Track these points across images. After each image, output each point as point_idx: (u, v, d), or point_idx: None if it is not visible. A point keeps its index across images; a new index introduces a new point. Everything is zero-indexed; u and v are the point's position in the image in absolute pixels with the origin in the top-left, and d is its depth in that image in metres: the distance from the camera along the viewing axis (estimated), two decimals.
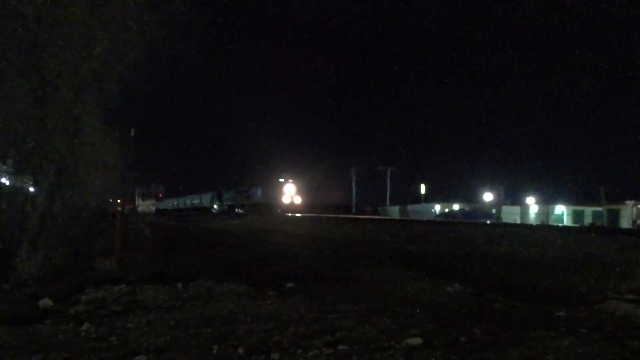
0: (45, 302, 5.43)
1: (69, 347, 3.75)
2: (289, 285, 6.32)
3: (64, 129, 7.48)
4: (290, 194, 40.45)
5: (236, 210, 46.17)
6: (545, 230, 15.05)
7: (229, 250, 11.96)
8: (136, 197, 64.41)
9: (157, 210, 63.90)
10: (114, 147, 9.97)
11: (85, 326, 4.28)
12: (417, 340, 3.69)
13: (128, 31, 7.82)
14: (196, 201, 62.72)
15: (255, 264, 9.09)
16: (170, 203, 71.99)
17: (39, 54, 7.14)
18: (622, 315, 5.17)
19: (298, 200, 40.46)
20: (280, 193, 40.26)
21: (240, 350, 3.56)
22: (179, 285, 6.11)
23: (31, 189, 7.76)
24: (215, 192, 55.09)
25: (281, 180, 41.00)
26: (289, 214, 34.02)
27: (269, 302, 5.25)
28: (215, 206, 53.56)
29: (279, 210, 37.38)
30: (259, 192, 42.29)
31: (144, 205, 63.95)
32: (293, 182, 41.05)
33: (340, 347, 3.60)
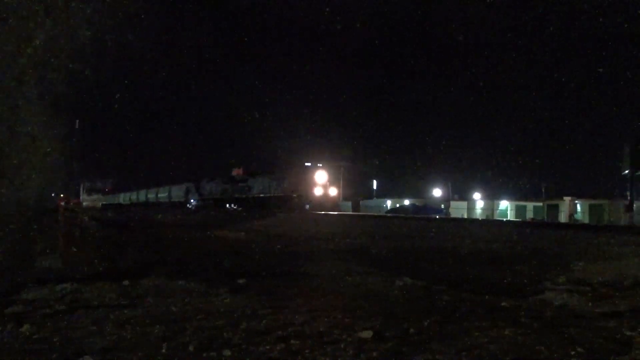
0: None
1: (6, 350, 3.56)
2: (242, 281, 6.26)
3: (1, 120, 7.08)
4: (322, 183, 28.23)
5: (228, 206, 36.74)
6: (491, 224, 15.68)
7: (181, 247, 11.72)
8: (81, 192, 61.83)
9: (105, 205, 61.34)
10: (57, 139, 9.53)
11: (25, 327, 4.08)
12: (368, 334, 3.76)
13: (72, 17, 7.48)
14: (163, 194, 52.74)
15: (208, 261, 8.95)
16: (127, 197, 65.02)
17: None
18: (560, 304, 5.47)
19: (334, 192, 28.62)
20: (307, 183, 28.31)
21: (191, 348, 3.50)
22: (127, 283, 5.93)
23: None
24: (192, 183, 44.91)
25: (308, 164, 29.42)
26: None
27: (220, 298, 5.19)
28: (192, 200, 43.75)
29: (307, 207, 27.45)
30: (270, 182, 31.84)
31: (90, 200, 61.26)
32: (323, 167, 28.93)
33: (292, 342, 3.61)
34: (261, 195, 32.78)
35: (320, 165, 29.45)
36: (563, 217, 35.63)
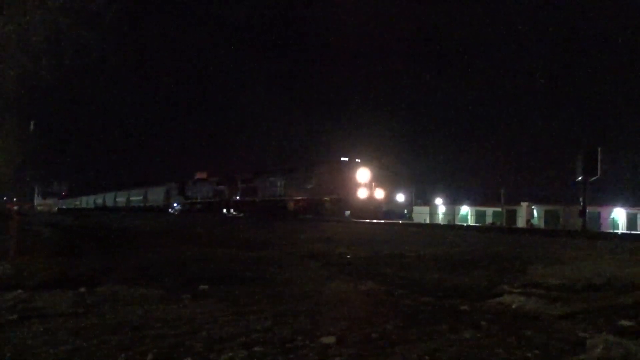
0: None
1: None
2: (204, 287, 6.15)
3: None
4: (365, 183, 21.57)
5: (225, 211, 31.01)
6: (451, 229, 16.01)
7: (142, 252, 11.41)
8: (35, 196, 59.34)
9: (62, 210, 58.94)
10: (9, 142, 9.12)
11: None
12: (331, 339, 3.76)
13: (26, 16, 7.20)
14: (137, 198, 47.50)
15: (170, 267, 8.75)
16: (92, 200, 60.58)
17: None
18: (517, 307, 5.63)
19: (380, 194, 22.13)
20: (348, 183, 21.43)
21: (150, 357, 3.40)
22: (84, 290, 5.72)
23: None
24: (174, 183, 39.71)
25: (344, 159, 22.23)
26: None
27: (182, 305, 5.08)
28: (175, 204, 38.46)
29: (346, 214, 21.44)
30: (287, 182, 25.33)
31: (45, 205, 58.80)
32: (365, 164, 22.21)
33: (255, 348, 3.57)
34: (274, 198, 26.31)
35: (359, 160, 22.19)
36: (521, 222, 36.81)
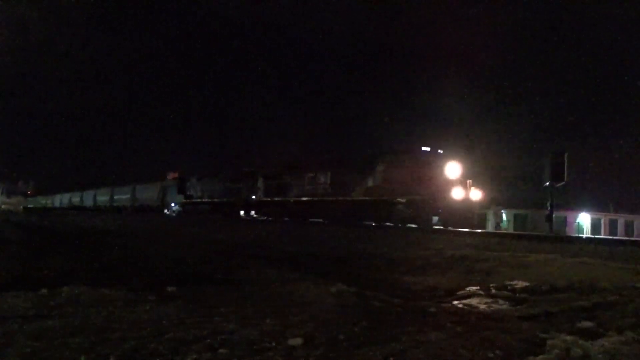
0: None
1: None
2: (171, 289, 6.05)
3: None
4: (456, 180, 16.40)
5: (243, 213, 26.22)
6: (423, 232, 16.19)
7: (107, 252, 11.17)
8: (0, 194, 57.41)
9: (29, 209, 57.00)
10: None
11: None
12: (298, 341, 3.75)
13: None
14: (123, 196, 41.74)
15: (136, 267, 8.59)
16: (67, 199, 55.46)
17: None
18: (484, 308, 5.74)
19: (477, 195, 16.95)
20: (436, 180, 16.26)
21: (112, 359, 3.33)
22: (45, 292, 5.55)
23: None
24: (174, 180, 34.64)
25: (425, 149, 17.05)
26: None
27: (147, 307, 4.98)
28: (172, 204, 33.75)
29: (434, 220, 16.50)
30: (336, 178, 19.97)
31: (9, 204, 56.87)
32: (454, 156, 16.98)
33: (221, 350, 3.53)
34: (315, 198, 20.91)
35: (441, 151, 17.18)
36: (490, 226, 37.53)
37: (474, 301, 6.04)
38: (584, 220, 39.07)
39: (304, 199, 21.49)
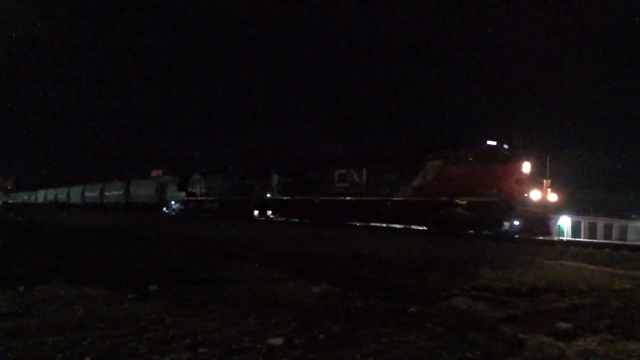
0: None
1: None
2: (153, 287, 6.00)
3: None
4: (531, 179, 14.09)
5: (257, 213, 23.81)
6: (407, 233, 16.29)
7: (88, 250, 11.02)
8: None
9: (8, 205, 55.95)
10: None
11: None
12: (278, 340, 3.74)
13: None
14: (114, 192, 39.51)
15: (117, 265, 8.49)
16: (53, 194, 53.65)
17: None
18: (465, 309, 5.78)
19: (554, 197, 14.33)
20: (510, 180, 13.93)
21: (87, 359, 3.29)
22: (23, 289, 5.47)
23: None
24: (172, 177, 32.57)
25: (491, 142, 14.83)
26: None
27: (127, 306, 4.93)
28: (173, 202, 30.99)
29: (511, 224, 14.09)
30: (373, 175, 17.82)
31: None
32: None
33: (200, 350, 3.51)
34: (347, 198, 18.41)
35: (506, 145, 14.87)
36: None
37: (455, 302, 6.06)
38: (565, 223, 39.64)
39: (334, 198, 18.96)
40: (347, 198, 18.42)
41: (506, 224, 14.12)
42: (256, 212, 23.90)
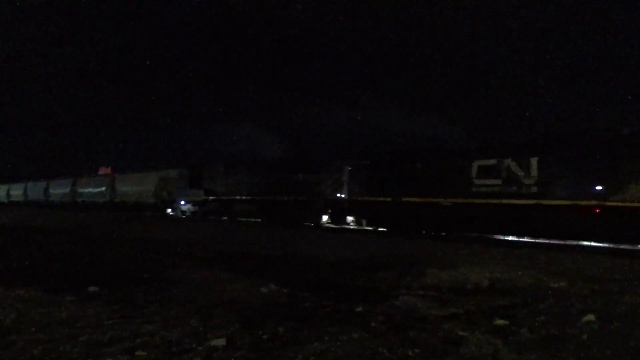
0: None
1: None
2: (93, 289, 5.78)
3: None
4: None
5: (327, 219, 18.26)
6: (359, 233, 16.46)
7: (25, 250, 10.50)
8: None
9: None
10: None
11: None
12: (221, 342, 3.69)
13: None
14: (92, 190, 32.43)
15: (56, 266, 8.13)
16: (3, 193, 47.46)
17: None
18: (410, 308, 5.89)
19: None
20: None
21: None
22: None
23: None
24: (177, 170, 25.43)
25: None
26: None
27: (64, 308, 4.73)
28: (182, 202, 24.19)
29: None
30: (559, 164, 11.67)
31: None
32: None
33: (138, 352, 3.41)
34: (504, 201, 12.71)
35: None
36: None
37: (401, 301, 6.17)
38: None
39: (473, 201, 13.48)
40: (503, 201, 12.83)
41: None
42: (325, 217, 18.53)
